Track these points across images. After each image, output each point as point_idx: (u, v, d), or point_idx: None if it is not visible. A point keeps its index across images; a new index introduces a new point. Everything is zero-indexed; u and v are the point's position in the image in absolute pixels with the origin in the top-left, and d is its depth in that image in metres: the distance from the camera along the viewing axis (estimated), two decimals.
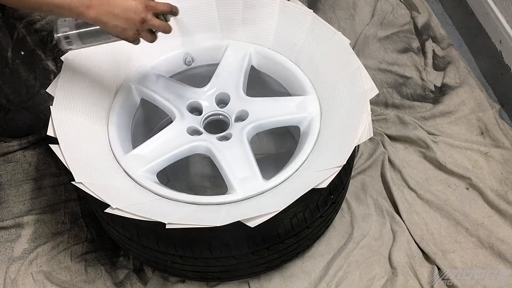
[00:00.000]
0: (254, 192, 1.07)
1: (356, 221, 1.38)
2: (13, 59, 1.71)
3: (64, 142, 1.07)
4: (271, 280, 1.28)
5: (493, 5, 1.72)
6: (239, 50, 1.32)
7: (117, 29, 0.96)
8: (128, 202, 1.01)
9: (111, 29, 0.96)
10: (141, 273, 1.31)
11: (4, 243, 1.38)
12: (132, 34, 0.98)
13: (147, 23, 0.98)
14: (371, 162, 1.50)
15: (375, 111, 1.63)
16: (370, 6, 1.95)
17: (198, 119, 1.25)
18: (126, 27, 0.96)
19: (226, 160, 1.14)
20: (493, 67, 1.74)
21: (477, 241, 1.34)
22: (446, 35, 1.85)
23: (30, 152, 1.54)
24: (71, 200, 1.45)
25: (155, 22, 1.00)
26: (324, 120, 1.19)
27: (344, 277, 1.28)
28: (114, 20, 0.94)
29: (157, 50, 1.31)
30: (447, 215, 1.39)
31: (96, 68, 1.21)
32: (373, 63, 1.77)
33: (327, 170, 1.02)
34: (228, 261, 1.11)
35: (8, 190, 1.47)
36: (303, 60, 1.28)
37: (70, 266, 1.33)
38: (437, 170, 1.49)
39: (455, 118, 1.61)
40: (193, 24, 1.33)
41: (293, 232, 1.10)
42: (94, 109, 1.19)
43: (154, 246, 1.07)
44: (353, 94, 1.15)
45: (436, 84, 1.72)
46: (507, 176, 1.47)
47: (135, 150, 1.16)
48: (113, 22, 0.94)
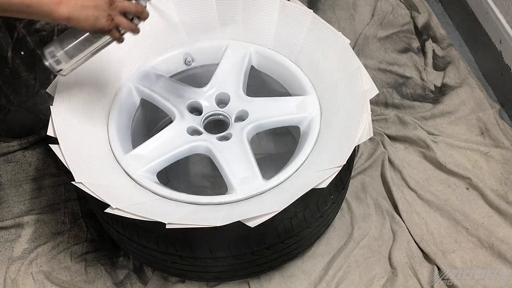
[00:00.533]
0: (254, 192, 1.07)
1: (356, 221, 1.38)
2: (13, 59, 1.71)
3: (64, 142, 1.07)
4: (271, 280, 1.28)
5: (493, 5, 1.72)
6: (239, 50, 1.32)
7: (89, 19, 0.92)
8: (128, 202, 1.01)
9: (84, 22, 0.92)
10: (141, 273, 1.31)
11: (4, 243, 1.38)
12: (105, 21, 0.94)
13: (116, 4, 0.95)
14: (371, 162, 1.50)
15: (375, 111, 1.63)
16: (370, 6, 1.95)
17: (198, 119, 1.25)
18: (97, 14, 0.93)
19: (226, 160, 1.14)
20: (493, 67, 1.74)
21: (477, 241, 1.34)
22: (446, 35, 1.85)
23: (30, 152, 1.54)
24: (71, 200, 1.45)
25: (125, 3, 0.96)
26: (324, 120, 1.19)
27: (344, 277, 1.28)
28: (84, 11, 0.92)
29: (157, 50, 1.31)
30: (447, 215, 1.39)
31: (96, 68, 1.21)
32: (373, 63, 1.77)
33: (327, 170, 1.02)
34: (228, 261, 1.11)
35: (8, 190, 1.47)
36: (303, 60, 1.28)
37: (70, 266, 1.33)
38: (437, 170, 1.49)
39: (455, 118, 1.61)
40: (193, 24, 1.33)
41: (293, 232, 1.10)
42: (94, 109, 1.19)
43: (154, 246, 1.07)
44: (353, 94, 1.15)
45: (436, 84, 1.72)
46: (507, 176, 1.47)
47: (135, 150, 1.16)
48: (84, 13, 0.92)
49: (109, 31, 0.96)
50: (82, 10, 0.91)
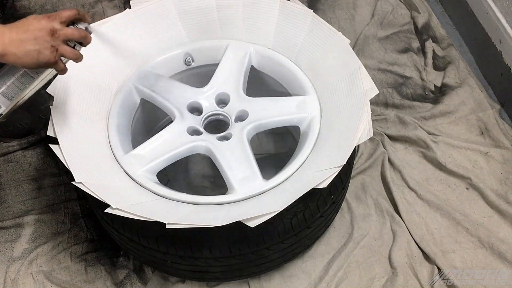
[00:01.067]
0: (254, 192, 1.07)
1: (356, 221, 1.38)
2: None
3: (64, 142, 1.07)
4: (271, 280, 1.28)
5: (493, 5, 1.72)
6: (239, 50, 1.32)
7: (30, 54, 0.84)
8: (128, 202, 1.01)
9: (24, 58, 0.84)
10: (141, 273, 1.31)
11: (4, 243, 1.38)
12: (49, 53, 0.86)
13: (58, 33, 0.87)
14: (371, 162, 1.50)
15: (375, 111, 1.63)
16: (370, 6, 1.95)
17: (198, 119, 1.25)
18: (38, 47, 0.84)
19: (226, 160, 1.14)
20: (493, 67, 1.74)
21: (477, 241, 1.34)
22: (446, 35, 1.85)
23: (30, 152, 1.54)
24: (71, 200, 1.45)
25: (67, 30, 0.88)
26: (324, 120, 1.19)
27: (344, 277, 1.28)
28: (22, 45, 0.83)
29: (157, 50, 1.31)
30: (447, 215, 1.39)
31: (96, 68, 1.21)
32: (373, 63, 1.77)
33: (327, 170, 1.02)
34: (228, 261, 1.11)
35: (8, 190, 1.47)
36: (303, 60, 1.28)
37: (70, 266, 1.33)
38: (437, 170, 1.49)
39: (455, 118, 1.61)
40: (193, 24, 1.33)
41: (293, 232, 1.10)
42: (94, 109, 1.19)
43: (154, 246, 1.07)
44: (353, 94, 1.15)
45: (436, 84, 1.72)
46: (507, 176, 1.47)
47: (135, 150, 1.16)
48: (22, 49, 0.83)
49: (54, 63, 0.89)
50: (20, 45, 0.83)
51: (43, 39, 0.85)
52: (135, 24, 1.28)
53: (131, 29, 1.27)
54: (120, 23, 1.26)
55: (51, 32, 0.86)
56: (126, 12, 1.27)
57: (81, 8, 1.95)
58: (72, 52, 0.90)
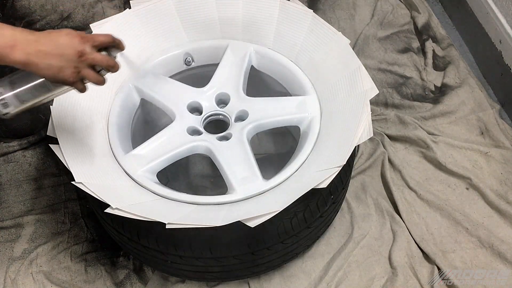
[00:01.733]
0: (254, 192, 1.07)
1: (356, 221, 1.38)
2: None
3: (64, 142, 1.07)
4: (271, 280, 1.28)
5: (493, 5, 1.72)
6: (239, 50, 1.32)
7: (52, 69, 0.82)
8: (128, 202, 1.01)
9: (45, 70, 0.82)
10: (141, 273, 1.31)
11: (4, 243, 1.38)
12: (70, 73, 0.84)
13: (86, 56, 0.85)
14: (371, 162, 1.50)
15: (375, 111, 1.63)
16: (370, 6, 1.95)
17: (198, 119, 1.25)
18: (62, 65, 0.83)
19: (226, 160, 1.14)
20: (493, 67, 1.74)
21: (477, 241, 1.34)
22: (446, 35, 1.85)
23: (30, 152, 1.55)
24: (71, 200, 1.45)
25: (96, 56, 0.87)
26: (324, 120, 1.19)
27: (344, 277, 1.28)
28: (46, 58, 0.81)
29: (157, 50, 1.31)
30: (447, 215, 1.39)
31: None
32: (373, 63, 1.77)
33: (327, 170, 1.02)
34: (228, 261, 1.11)
35: (8, 190, 1.47)
36: (303, 60, 1.28)
37: (70, 266, 1.33)
38: (437, 170, 1.49)
39: (455, 118, 1.61)
40: (193, 24, 1.33)
41: (293, 232, 1.10)
42: (94, 109, 1.19)
43: (154, 246, 1.07)
44: (353, 94, 1.15)
45: (436, 84, 1.72)
46: (507, 176, 1.47)
47: (135, 150, 1.16)
48: (45, 62, 0.81)
49: (73, 83, 0.87)
50: (44, 57, 0.81)
51: (69, 58, 0.84)
52: (135, 24, 1.28)
53: (131, 29, 1.27)
54: (120, 23, 1.26)
55: (79, 53, 0.84)
56: (126, 12, 1.27)
57: (81, 8, 1.95)
58: (94, 76, 0.89)
